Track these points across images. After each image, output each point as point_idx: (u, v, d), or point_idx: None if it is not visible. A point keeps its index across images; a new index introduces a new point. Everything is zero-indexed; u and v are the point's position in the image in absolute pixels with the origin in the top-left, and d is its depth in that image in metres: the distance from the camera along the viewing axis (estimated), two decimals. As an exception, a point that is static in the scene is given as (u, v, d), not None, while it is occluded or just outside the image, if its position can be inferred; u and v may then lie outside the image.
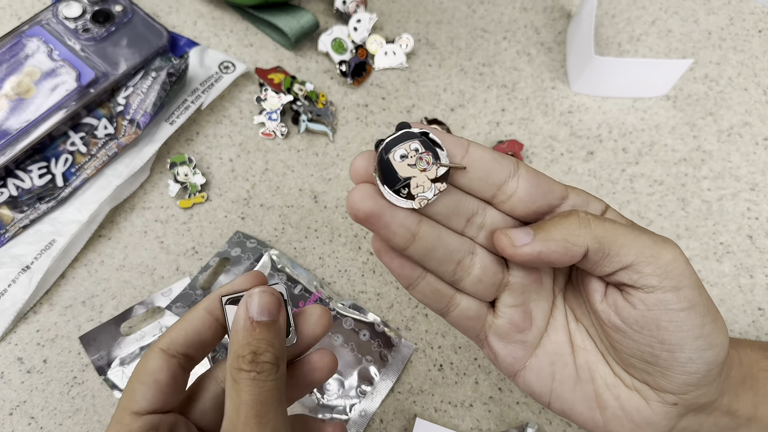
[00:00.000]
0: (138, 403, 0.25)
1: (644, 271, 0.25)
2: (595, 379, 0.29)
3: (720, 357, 0.27)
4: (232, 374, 0.24)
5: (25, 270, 0.40)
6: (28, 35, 0.46)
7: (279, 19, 0.49)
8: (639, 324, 0.26)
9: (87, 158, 0.43)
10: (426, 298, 0.28)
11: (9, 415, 0.38)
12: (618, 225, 0.26)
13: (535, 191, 0.26)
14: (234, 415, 0.24)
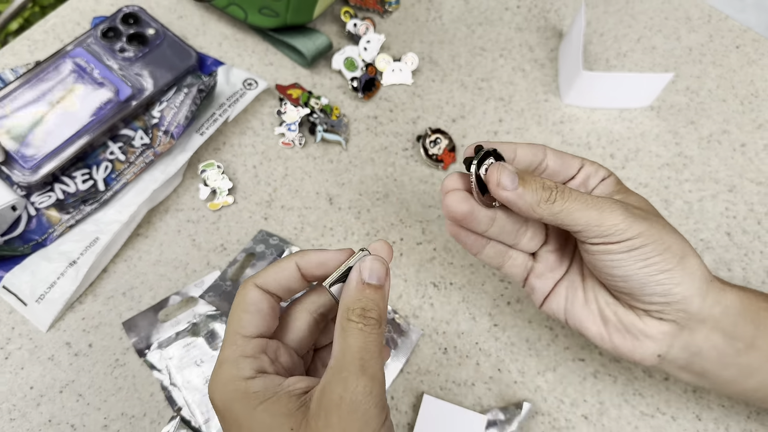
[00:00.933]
0: (246, 329, 0.29)
1: (589, 234, 0.34)
2: (598, 300, 0.37)
3: (680, 286, 0.34)
4: (342, 323, 0.29)
5: (72, 264, 0.45)
6: (72, 56, 0.51)
7: (296, 41, 0.54)
8: (595, 266, 0.36)
9: (126, 165, 0.48)
10: (489, 259, 0.39)
11: (59, 393, 0.42)
12: (576, 202, 0.34)
13: (559, 166, 0.38)
14: (341, 356, 0.28)
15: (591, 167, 0.38)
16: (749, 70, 0.60)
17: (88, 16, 0.56)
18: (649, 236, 0.34)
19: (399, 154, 0.53)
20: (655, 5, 0.63)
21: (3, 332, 0.44)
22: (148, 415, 0.42)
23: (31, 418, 0.42)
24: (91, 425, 0.42)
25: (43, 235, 0.46)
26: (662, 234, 0.34)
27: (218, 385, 0.29)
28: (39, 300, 0.44)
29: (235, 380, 0.29)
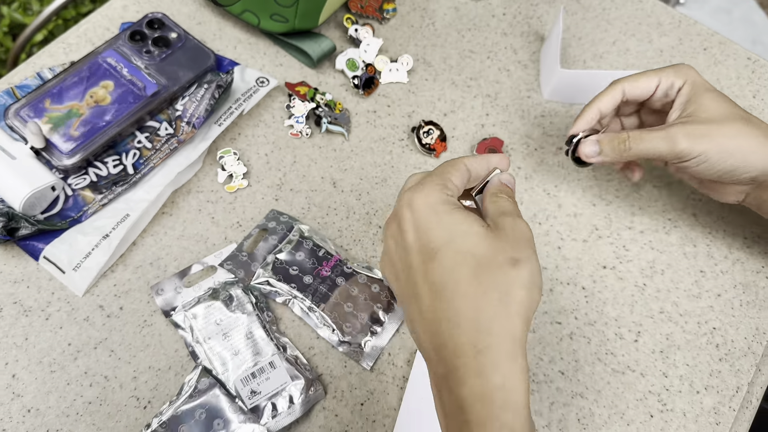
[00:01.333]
0: (453, 180, 0.38)
1: (667, 158, 0.48)
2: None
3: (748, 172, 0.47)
4: (491, 199, 0.39)
5: (105, 238, 0.51)
6: (104, 56, 0.57)
7: (304, 44, 0.61)
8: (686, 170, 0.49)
9: (152, 152, 0.54)
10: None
11: (94, 349, 0.48)
12: (646, 141, 0.47)
13: (639, 92, 0.50)
14: (498, 212, 0.37)
15: (666, 81, 0.49)
16: (715, 70, 0.66)
17: (116, 22, 0.62)
18: (710, 152, 0.46)
19: (396, 143, 0.59)
20: (629, 12, 0.69)
21: (44, 296, 0.49)
22: (172, 368, 0.48)
23: (69, 371, 0.47)
24: (122, 377, 0.47)
25: (79, 213, 0.52)
26: (724, 142, 0.45)
27: (423, 192, 0.37)
28: (76, 268, 0.50)
29: (442, 190, 0.37)
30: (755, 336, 0.53)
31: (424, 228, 0.36)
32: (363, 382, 0.48)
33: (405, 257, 0.37)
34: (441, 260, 0.35)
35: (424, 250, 0.36)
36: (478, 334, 0.33)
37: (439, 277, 0.35)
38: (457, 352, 0.33)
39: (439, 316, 0.34)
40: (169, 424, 0.44)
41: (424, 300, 0.35)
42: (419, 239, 0.36)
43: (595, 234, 0.56)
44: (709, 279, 0.55)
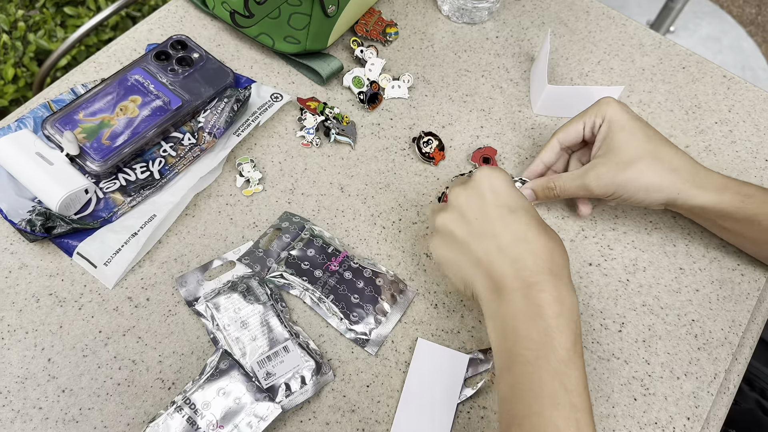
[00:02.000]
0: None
1: (589, 197, 0.59)
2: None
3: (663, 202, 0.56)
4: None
5: (133, 236, 0.56)
6: (132, 73, 0.63)
7: (314, 64, 0.66)
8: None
9: (176, 159, 0.60)
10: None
11: (123, 336, 0.53)
12: (570, 186, 0.57)
13: (573, 138, 0.59)
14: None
15: (589, 122, 0.56)
16: (693, 86, 0.72)
17: (142, 43, 0.68)
18: (619, 192, 0.54)
19: (398, 153, 0.64)
20: (613, 34, 0.75)
21: (77, 288, 0.54)
22: (195, 353, 0.52)
23: (100, 355, 0.52)
24: (149, 361, 0.52)
25: (110, 213, 0.57)
26: (630, 183, 0.53)
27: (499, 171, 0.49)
28: (107, 263, 0.54)
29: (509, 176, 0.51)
30: (731, 327, 0.57)
31: (505, 193, 0.47)
32: (368, 366, 0.53)
33: (483, 207, 0.47)
34: (520, 216, 0.47)
35: (504, 205, 0.47)
36: (552, 265, 0.45)
37: (519, 225, 0.46)
38: (538, 271, 0.45)
39: (522, 249, 0.45)
40: (191, 400, 0.48)
41: (505, 238, 0.46)
42: (499, 198, 0.47)
43: (581, 234, 0.61)
44: (688, 275, 0.59)
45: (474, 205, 0.48)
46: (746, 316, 0.58)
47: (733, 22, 2.03)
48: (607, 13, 0.77)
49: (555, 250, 0.46)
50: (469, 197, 0.48)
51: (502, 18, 0.76)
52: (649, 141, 0.54)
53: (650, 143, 0.54)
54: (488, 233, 0.46)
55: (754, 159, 0.67)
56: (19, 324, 0.52)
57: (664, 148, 0.54)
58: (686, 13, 2.00)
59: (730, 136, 0.68)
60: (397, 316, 0.55)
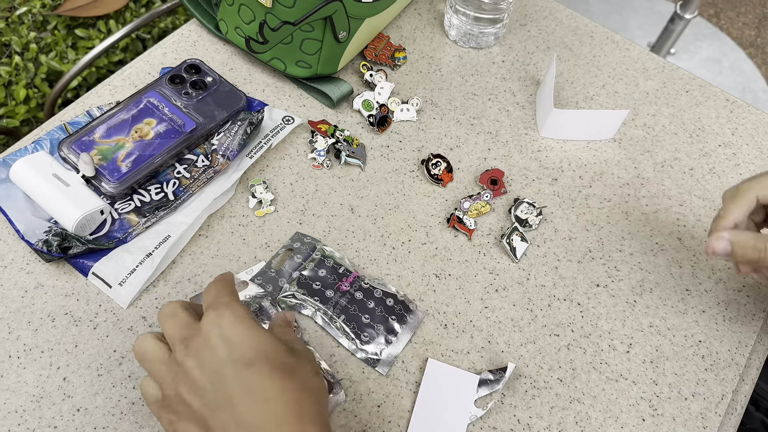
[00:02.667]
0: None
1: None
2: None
3: None
4: (278, 329, 0.46)
5: (148, 256, 0.56)
6: (147, 96, 0.64)
7: (325, 87, 0.68)
8: None
9: (191, 181, 0.61)
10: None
11: (137, 355, 0.53)
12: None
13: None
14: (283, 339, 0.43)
15: None
16: (696, 110, 0.73)
17: (156, 67, 0.70)
18: None
19: (407, 174, 0.65)
20: (617, 58, 0.77)
21: (92, 308, 0.55)
22: (208, 372, 0.53)
23: (115, 374, 0.52)
24: (163, 380, 0.52)
25: (125, 234, 0.58)
26: None
27: (231, 309, 0.41)
28: (121, 283, 0.55)
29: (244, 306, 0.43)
30: (738, 348, 0.58)
31: (239, 340, 0.39)
32: (379, 387, 0.53)
33: (215, 366, 0.38)
34: (258, 367, 0.38)
35: (240, 359, 0.38)
36: (301, 419, 0.38)
37: (258, 382, 0.38)
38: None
39: (263, 415, 0.37)
40: (205, 420, 0.49)
41: (243, 405, 0.38)
42: (234, 350, 0.39)
43: (588, 256, 0.62)
44: (694, 297, 0.60)
45: (207, 364, 0.39)
46: (752, 337, 0.58)
47: (732, 44, 2.05)
48: (611, 37, 0.79)
49: (305, 399, 0.39)
50: (201, 354, 0.39)
51: (508, 43, 0.77)
52: None
53: None
54: (225, 402, 0.38)
55: (758, 181, 0.68)
56: (35, 343, 0.53)
57: None
58: (686, 35, 2.03)
59: (734, 159, 0.69)
60: (407, 337, 0.55)
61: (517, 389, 0.54)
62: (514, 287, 0.59)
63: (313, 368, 0.42)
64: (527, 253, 0.61)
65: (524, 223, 0.62)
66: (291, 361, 0.40)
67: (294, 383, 0.39)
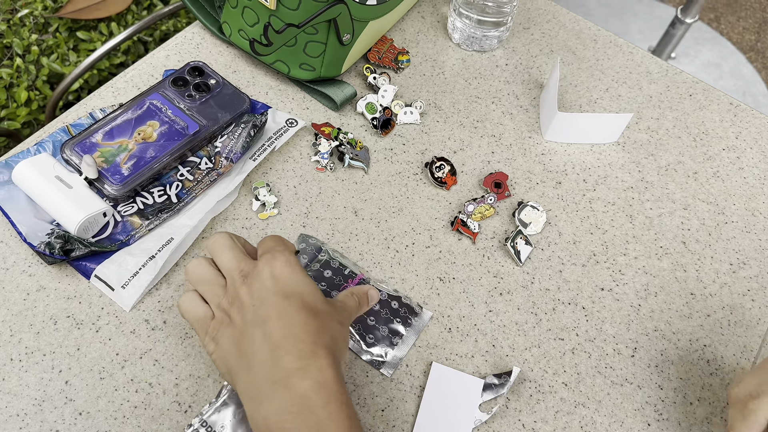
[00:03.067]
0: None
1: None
2: None
3: None
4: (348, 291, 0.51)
5: (151, 259, 0.56)
6: (150, 99, 0.64)
7: (329, 90, 0.68)
8: None
9: (194, 183, 0.61)
10: None
11: (139, 358, 0.53)
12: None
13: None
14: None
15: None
16: (700, 114, 0.73)
17: (159, 69, 0.70)
18: None
19: (410, 177, 0.65)
20: (621, 62, 0.77)
21: (95, 311, 0.55)
22: (211, 376, 0.52)
23: (117, 378, 0.52)
24: (165, 383, 0.52)
25: (127, 236, 0.58)
26: None
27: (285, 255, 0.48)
28: (124, 286, 0.55)
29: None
30: (743, 353, 0.58)
31: (284, 278, 0.46)
32: (383, 390, 0.53)
33: (261, 294, 0.45)
34: (293, 301, 0.45)
35: (280, 291, 0.45)
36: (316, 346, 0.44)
37: (289, 309, 0.45)
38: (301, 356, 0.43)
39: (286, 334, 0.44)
40: (208, 423, 0.48)
41: (272, 324, 0.44)
42: (277, 284, 0.46)
43: (593, 260, 0.61)
44: (699, 301, 0.60)
45: (256, 292, 0.45)
46: (757, 342, 0.58)
47: (733, 49, 2.05)
48: (614, 41, 0.79)
49: (322, 331, 0.44)
50: (253, 285, 0.46)
51: (511, 46, 0.77)
52: None
53: None
54: (259, 320, 0.44)
55: (762, 185, 0.68)
56: (37, 346, 0.53)
57: None
58: (687, 40, 2.03)
59: (738, 163, 0.69)
60: (412, 339, 0.55)
61: (521, 393, 0.54)
62: (519, 291, 0.59)
63: (340, 321, 0.47)
64: (531, 257, 0.61)
65: (525, 225, 0.62)
66: (321, 308, 0.46)
67: (317, 322, 0.45)
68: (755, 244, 0.64)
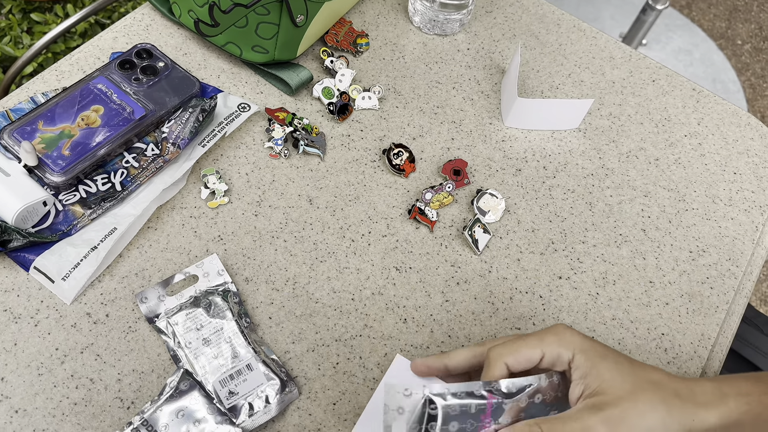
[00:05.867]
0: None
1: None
2: None
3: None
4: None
5: (93, 250, 0.54)
6: (95, 83, 0.61)
7: (283, 74, 0.65)
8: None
9: (139, 171, 0.58)
10: None
11: (80, 353, 0.51)
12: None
13: (522, 363, 0.43)
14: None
15: (551, 353, 0.43)
16: (663, 100, 0.72)
17: (107, 52, 0.67)
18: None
19: (368, 165, 0.63)
20: (584, 47, 0.75)
21: (33, 305, 0.52)
22: (155, 371, 0.50)
23: (56, 373, 0.50)
24: (107, 379, 0.50)
25: (69, 226, 0.55)
26: (643, 422, 0.40)
27: None
28: (65, 278, 0.53)
29: None
30: (701, 341, 0.57)
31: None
32: (335, 384, 0.51)
33: None
34: None
35: None
36: None
37: None
38: None
39: None
40: (149, 422, 0.46)
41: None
42: None
43: (551, 247, 0.60)
44: (658, 289, 0.59)
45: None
46: (715, 330, 0.58)
47: (704, 36, 2.06)
48: (578, 26, 0.78)
49: None
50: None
51: (473, 30, 0.75)
52: (635, 365, 0.44)
53: (637, 367, 0.44)
54: None
55: (723, 172, 0.67)
56: (-29, 342, 0.50)
57: (652, 373, 0.44)
58: (658, 26, 2.04)
59: (700, 149, 0.69)
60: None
61: (477, 385, 0.52)
62: (476, 280, 0.58)
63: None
64: (489, 245, 0.60)
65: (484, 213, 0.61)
66: None
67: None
68: (715, 232, 0.63)
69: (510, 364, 0.43)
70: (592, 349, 0.43)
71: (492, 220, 0.61)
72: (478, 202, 0.61)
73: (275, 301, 0.55)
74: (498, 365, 0.43)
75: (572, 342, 0.43)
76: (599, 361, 0.42)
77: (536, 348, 0.43)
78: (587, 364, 0.42)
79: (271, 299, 0.55)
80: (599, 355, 0.43)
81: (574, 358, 0.43)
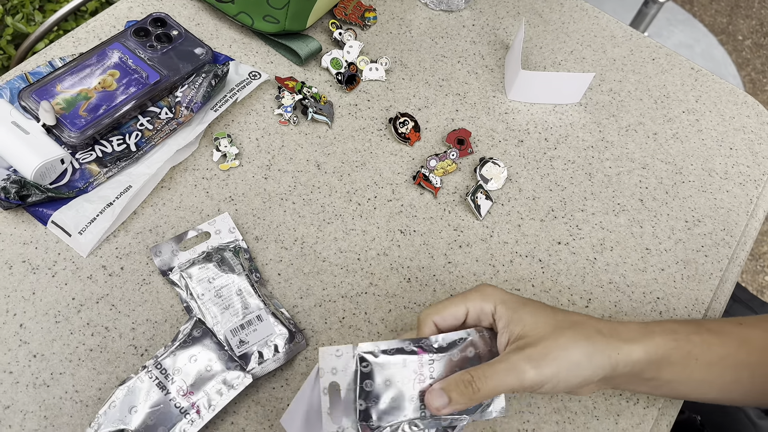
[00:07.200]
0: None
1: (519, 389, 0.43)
2: None
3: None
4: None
5: (109, 206, 0.56)
6: (111, 48, 0.63)
7: (293, 44, 0.67)
8: None
9: (153, 132, 0.60)
10: None
11: (96, 303, 0.53)
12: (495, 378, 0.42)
13: (450, 322, 0.46)
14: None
15: (474, 308, 0.45)
16: (662, 77, 0.74)
17: (122, 20, 0.68)
18: (560, 371, 0.42)
19: (374, 133, 0.65)
20: (586, 26, 0.77)
21: (51, 257, 0.54)
22: (168, 321, 0.52)
23: (73, 321, 0.52)
24: (122, 327, 0.52)
25: (85, 183, 0.57)
26: (568, 356, 0.42)
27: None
28: (81, 232, 0.54)
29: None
30: (695, 305, 0.59)
31: None
32: (341, 336, 0.53)
33: None
34: None
35: None
36: None
37: None
38: None
39: None
40: (162, 365, 0.48)
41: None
42: None
43: (551, 215, 0.62)
44: (654, 255, 0.61)
45: None
46: (709, 295, 0.60)
47: (705, 31, 2.08)
48: (580, 5, 0.79)
49: None
50: None
51: (478, 7, 0.77)
52: (555, 311, 0.46)
53: (557, 312, 0.46)
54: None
55: (719, 147, 0.69)
56: (-9, 290, 0.52)
57: (572, 316, 0.46)
58: (660, 20, 2.05)
59: (697, 125, 0.71)
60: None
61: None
62: (478, 243, 0.60)
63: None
64: (491, 211, 0.62)
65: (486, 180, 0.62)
66: None
67: None
68: (710, 203, 0.65)
69: (437, 322, 0.46)
70: (512, 299, 0.45)
71: (494, 187, 0.63)
72: (481, 170, 0.63)
73: (284, 259, 0.56)
74: (427, 324, 0.46)
75: (493, 295, 0.45)
76: (520, 308, 0.44)
77: (460, 305, 0.46)
78: (508, 313, 0.44)
79: (280, 257, 0.57)
80: (520, 303, 0.45)
81: (496, 309, 0.45)
